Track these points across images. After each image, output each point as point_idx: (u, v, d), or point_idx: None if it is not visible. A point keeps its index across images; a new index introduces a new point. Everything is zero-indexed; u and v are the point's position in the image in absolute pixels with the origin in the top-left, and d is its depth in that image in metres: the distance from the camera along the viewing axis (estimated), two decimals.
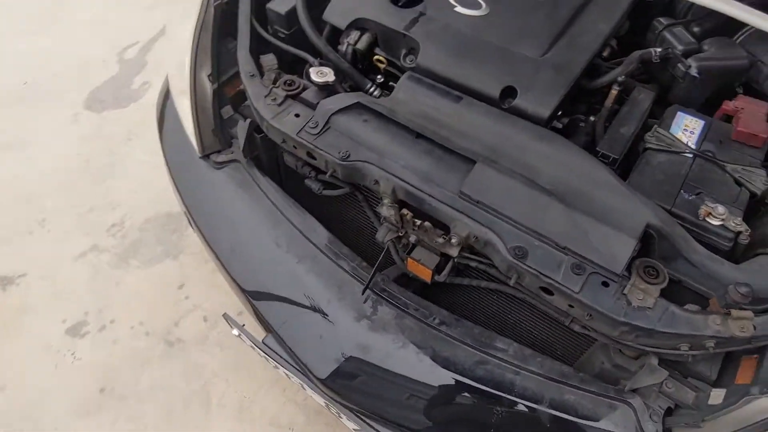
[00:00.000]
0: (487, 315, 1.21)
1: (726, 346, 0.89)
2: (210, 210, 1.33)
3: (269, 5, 1.35)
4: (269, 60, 1.31)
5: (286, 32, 1.36)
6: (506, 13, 1.18)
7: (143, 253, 2.08)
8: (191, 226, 1.43)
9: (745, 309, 0.88)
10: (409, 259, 1.11)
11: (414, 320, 1.11)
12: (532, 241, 0.96)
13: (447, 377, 1.04)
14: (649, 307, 0.89)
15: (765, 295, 0.89)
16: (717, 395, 0.94)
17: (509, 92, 1.11)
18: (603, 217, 0.95)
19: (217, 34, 1.33)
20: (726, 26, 1.17)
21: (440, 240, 1.05)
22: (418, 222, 1.05)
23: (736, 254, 0.96)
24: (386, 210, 1.08)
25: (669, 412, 0.97)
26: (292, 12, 1.33)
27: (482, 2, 1.20)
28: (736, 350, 0.91)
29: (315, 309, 1.13)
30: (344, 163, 1.09)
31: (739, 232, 0.93)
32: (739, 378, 0.93)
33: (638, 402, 0.97)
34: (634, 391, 0.98)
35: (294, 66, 1.35)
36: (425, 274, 1.11)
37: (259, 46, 1.35)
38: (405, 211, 1.05)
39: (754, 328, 0.87)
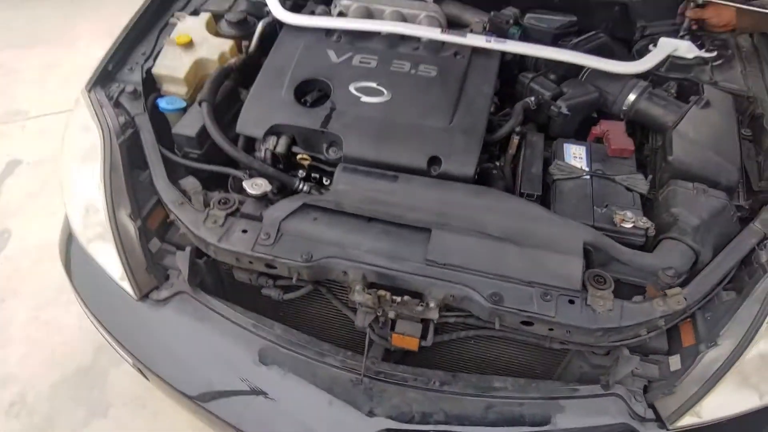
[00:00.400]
0: (471, 360, 1.30)
1: (672, 320, 1.09)
2: (168, 353, 1.24)
3: (176, 130, 1.34)
4: (191, 183, 1.29)
5: (198, 152, 1.36)
6: (406, 95, 1.34)
7: (63, 425, 1.80)
8: (145, 377, 1.31)
9: (673, 287, 1.09)
10: (393, 334, 1.16)
11: (417, 390, 1.15)
12: (502, 284, 1.08)
13: None
14: (610, 309, 1.06)
15: (680, 270, 1.11)
16: (674, 361, 1.14)
17: (434, 161, 1.25)
18: (549, 246, 1.11)
19: (129, 171, 1.28)
20: (571, 70, 1.46)
21: (419, 308, 1.12)
22: (398, 298, 1.11)
23: (648, 245, 1.19)
24: (360, 296, 1.12)
25: (645, 390, 1.14)
26: (202, 132, 1.33)
27: (383, 89, 1.34)
28: (677, 321, 1.12)
29: (321, 419, 1.11)
30: (309, 264, 1.12)
31: (647, 228, 1.16)
32: (684, 341, 1.14)
33: (623, 390, 1.12)
34: (616, 383, 1.14)
35: (207, 183, 1.34)
36: (412, 344, 1.17)
37: (169, 173, 1.33)
38: (382, 291, 1.11)
39: (686, 299, 1.08)
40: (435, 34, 1.41)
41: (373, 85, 1.35)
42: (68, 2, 4.11)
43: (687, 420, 1.08)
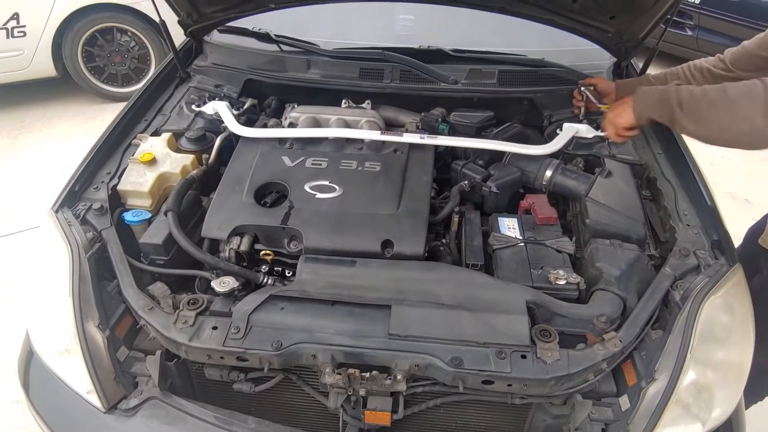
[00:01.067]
0: (443, 428, 1.35)
1: (612, 362, 1.22)
2: None
3: (143, 240, 1.42)
4: (159, 288, 1.35)
5: (165, 259, 1.43)
6: (356, 189, 1.50)
7: None
8: None
9: (608, 331, 1.24)
10: (366, 411, 1.21)
11: None
12: (460, 348, 1.18)
13: None
14: (558, 359, 1.17)
15: (612, 316, 1.26)
16: (624, 401, 1.25)
17: (387, 244, 1.38)
18: (497, 309, 1.24)
19: (96, 283, 1.33)
20: (495, 155, 1.70)
21: (388, 382, 1.19)
22: (367, 374, 1.18)
23: (581, 298, 1.34)
24: (330, 377, 1.18)
25: None
26: (168, 239, 1.42)
27: (335, 186, 1.50)
28: (618, 363, 1.25)
29: None
30: (279, 352, 1.18)
31: (578, 282, 1.32)
32: (629, 381, 1.27)
33: None
34: (576, 429, 1.22)
35: (173, 287, 1.39)
36: (384, 419, 1.22)
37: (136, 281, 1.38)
38: (351, 370, 1.18)
39: (621, 341, 1.22)
40: (376, 135, 1.62)
41: (326, 182, 1.51)
42: (18, 123, 4.24)
43: None
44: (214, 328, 1.23)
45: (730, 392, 1.24)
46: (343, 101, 1.86)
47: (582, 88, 1.77)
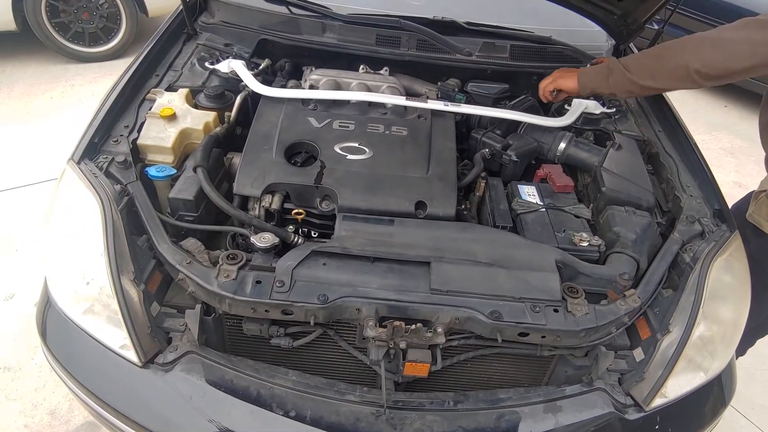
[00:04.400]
0: (468, 380, 1.42)
1: (633, 316, 1.33)
2: (182, 415, 1.21)
3: (173, 194, 1.39)
4: (193, 244, 1.34)
5: (194, 215, 1.41)
6: (385, 152, 1.53)
7: None
8: None
9: (628, 289, 1.34)
10: (406, 363, 1.26)
11: (434, 413, 1.25)
12: (498, 303, 1.25)
13: None
14: (587, 313, 1.26)
15: (628, 276, 1.37)
16: (638, 353, 1.37)
17: (419, 205, 1.42)
18: (530, 266, 1.31)
19: (129, 237, 1.29)
20: (511, 126, 1.76)
21: (429, 335, 1.24)
22: (411, 326, 1.22)
23: (601, 259, 1.44)
24: (373, 331, 1.22)
25: (620, 381, 1.34)
26: (198, 195, 1.40)
27: (365, 148, 1.52)
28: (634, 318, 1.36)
29: None
30: (326, 305, 1.21)
31: (599, 244, 1.41)
32: (642, 335, 1.38)
33: (604, 384, 1.31)
34: (598, 379, 1.33)
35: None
36: (423, 370, 1.27)
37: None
38: (397, 322, 1.22)
39: (639, 298, 1.33)
40: (402, 101, 1.64)
41: (356, 144, 1.53)
42: None
43: (657, 401, 1.29)
44: (258, 282, 1.23)
45: (728, 345, 1.39)
46: (361, 66, 1.86)
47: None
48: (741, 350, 1.96)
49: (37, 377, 2.04)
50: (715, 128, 4.73)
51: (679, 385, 1.31)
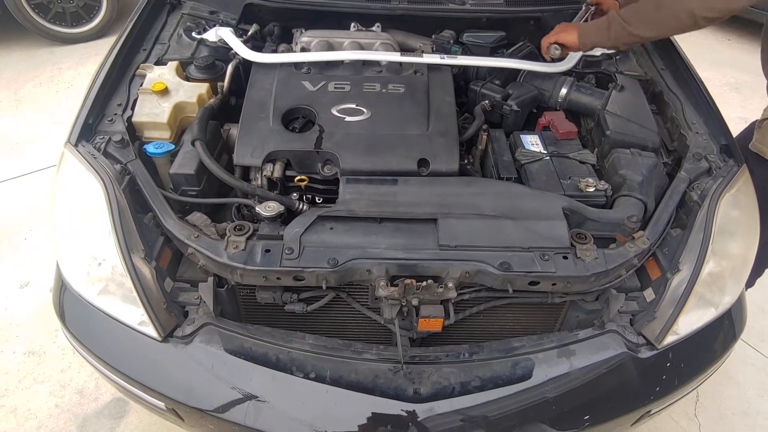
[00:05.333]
0: (481, 332, 1.45)
1: (642, 257, 1.33)
2: (205, 385, 1.24)
3: (174, 170, 1.38)
4: (199, 218, 1.34)
5: (197, 189, 1.40)
6: (384, 111, 1.50)
7: None
8: (181, 418, 1.30)
9: (637, 231, 1.34)
10: (420, 319, 1.28)
11: (451, 365, 1.28)
12: (507, 254, 1.25)
13: (504, 392, 1.24)
14: (596, 258, 1.27)
15: (638, 217, 1.36)
16: (648, 293, 1.38)
17: (422, 163, 1.41)
18: (537, 216, 1.31)
19: (134, 215, 1.29)
20: (510, 75, 1.72)
21: (440, 290, 1.25)
22: (422, 283, 1.23)
23: (608, 204, 1.43)
24: (384, 290, 1.23)
25: (631, 322, 1.36)
26: (199, 169, 1.39)
27: (362, 108, 1.49)
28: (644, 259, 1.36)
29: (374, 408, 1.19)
30: (336, 269, 1.21)
31: (606, 189, 1.40)
32: (652, 276, 1.39)
33: (615, 326, 1.33)
34: (609, 321, 1.34)
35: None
36: (437, 326, 1.29)
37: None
38: (408, 280, 1.23)
39: (648, 239, 1.33)
40: (397, 57, 1.60)
41: (353, 105, 1.50)
42: None
43: (669, 339, 1.31)
44: (267, 250, 1.23)
45: (738, 280, 1.39)
46: (352, 25, 1.81)
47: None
48: (750, 281, 1.98)
49: (61, 359, 2.10)
50: (718, 64, 4.61)
51: (690, 321, 1.33)
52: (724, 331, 1.41)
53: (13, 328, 2.22)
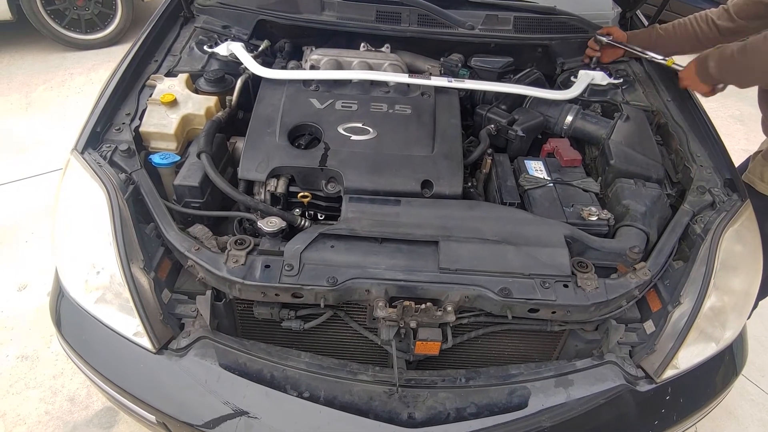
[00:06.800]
0: (479, 358, 1.43)
1: (643, 289, 1.32)
2: (198, 400, 1.23)
3: (178, 181, 1.38)
4: (201, 230, 1.34)
5: (200, 201, 1.41)
6: (390, 131, 1.51)
7: None
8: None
9: (638, 262, 1.33)
10: (417, 342, 1.27)
11: (446, 390, 1.26)
12: (507, 280, 1.25)
13: (499, 419, 1.22)
14: (597, 287, 1.26)
15: (638, 249, 1.36)
16: (649, 325, 1.36)
17: (426, 185, 1.41)
18: (539, 243, 1.30)
19: (136, 225, 1.29)
20: (516, 100, 1.73)
21: (439, 313, 1.24)
22: (421, 305, 1.23)
23: (610, 233, 1.43)
24: (383, 311, 1.22)
25: (630, 354, 1.34)
26: (203, 181, 1.39)
27: (369, 128, 1.50)
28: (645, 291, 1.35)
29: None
30: (335, 287, 1.21)
31: (609, 218, 1.40)
32: (653, 307, 1.38)
33: (614, 357, 1.32)
34: (608, 352, 1.33)
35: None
36: (434, 349, 1.28)
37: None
38: (407, 302, 1.22)
39: (649, 271, 1.32)
40: (405, 78, 1.62)
41: (359, 125, 1.51)
42: None
43: (669, 373, 1.29)
44: (267, 266, 1.23)
45: (740, 315, 1.38)
46: (362, 44, 1.83)
47: (598, 37, 1.81)
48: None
49: (54, 365, 2.08)
50: (723, 95, 4.62)
51: (690, 356, 1.31)
52: (724, 366, 1.39)
53: (8, 331, 2.20)
